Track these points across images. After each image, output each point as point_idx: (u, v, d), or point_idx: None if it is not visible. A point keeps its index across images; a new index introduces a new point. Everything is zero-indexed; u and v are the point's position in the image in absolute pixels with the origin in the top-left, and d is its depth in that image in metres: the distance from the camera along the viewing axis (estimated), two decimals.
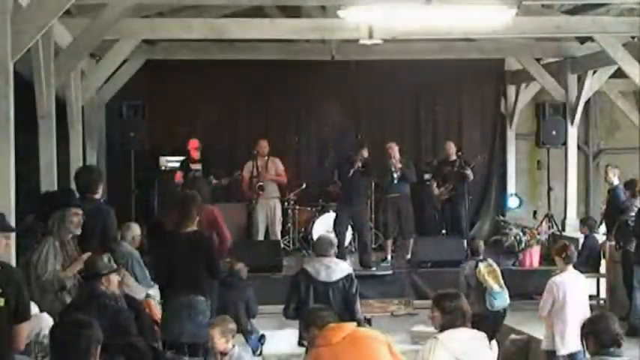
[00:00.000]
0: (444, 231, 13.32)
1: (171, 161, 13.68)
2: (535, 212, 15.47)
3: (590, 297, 8.38)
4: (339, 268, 7.06)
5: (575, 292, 7.73)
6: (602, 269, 11.55)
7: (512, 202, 15.16)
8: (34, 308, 5.74)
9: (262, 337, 9.49)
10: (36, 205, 7.41)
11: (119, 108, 13.00)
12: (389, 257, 12.58)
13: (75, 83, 10.45)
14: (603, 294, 11.48)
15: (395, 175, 12.36)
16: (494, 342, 6.11)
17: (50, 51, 8.64)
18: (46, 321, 5.70)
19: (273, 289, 11.26)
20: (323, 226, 13.09)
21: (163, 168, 13.71)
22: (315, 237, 13.09)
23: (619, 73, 12.47)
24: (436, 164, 13.77)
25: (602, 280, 11.59)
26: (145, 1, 10.10)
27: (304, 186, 13.60)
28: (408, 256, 12.63)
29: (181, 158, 13.32)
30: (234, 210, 12.79)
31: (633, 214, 10.33)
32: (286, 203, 13.47)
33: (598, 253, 11.61)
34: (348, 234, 12.76)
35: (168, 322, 6.94)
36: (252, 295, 9.49)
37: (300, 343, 6.72)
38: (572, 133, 13.57)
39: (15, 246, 6.19)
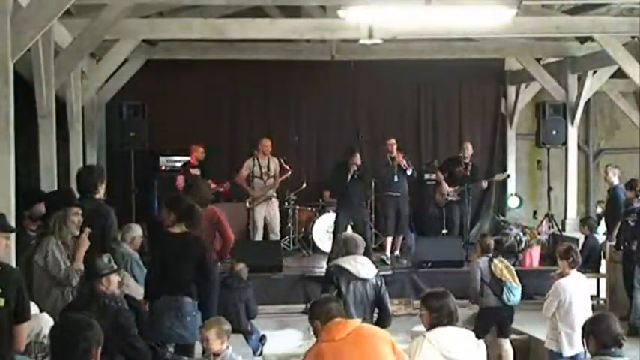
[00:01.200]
0: (444, 231, 13.32)
1: (171, 161, 13.68)
2: (535, 212, 15.48)
3: (591, 297, 8.36)
4: (371, 266, 7.12)
5: (580, 294, 7.75)
6: (602, 269, 11.57)
7: (512, 202, 15.16)
8: (34, 308, 5.74)
9: (262, 337, 9.51)
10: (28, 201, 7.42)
11: (119, 108, 12.97)
12: (387, 254, 12.57)
13: (75, 83, 10.44)
14: (603, 294, 11.49)
15: (395, 171, 12.35)
16: (481, 341, 6.13)
17: (50, 51, 8.63)
18: (46, 321, 5.69)
19: (273, 289, 11.32)
20: (323, 226, 13.11)
21: (163, 168, 13.70)
22: (315, 237, 13.18)
23: (619, 73, 12.48)
24: (446, 159, 13.80)
25: (602, 280, 11.60)
26: (145, 1, 10.10)
27: (304, 186, 13.58)
28: (397, 252, 12.70)
29: (181, 159, 13.29)
30: (234, 210, 12.77)
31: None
32: (286, 203, 13.45)
33: (598, 253, 11.62)
34: None
35: (155, 322, 6.94)
36: (251, 295, 9.49)
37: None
38: (572, 133, 13.55)
39: (15, 245, 6.18)
